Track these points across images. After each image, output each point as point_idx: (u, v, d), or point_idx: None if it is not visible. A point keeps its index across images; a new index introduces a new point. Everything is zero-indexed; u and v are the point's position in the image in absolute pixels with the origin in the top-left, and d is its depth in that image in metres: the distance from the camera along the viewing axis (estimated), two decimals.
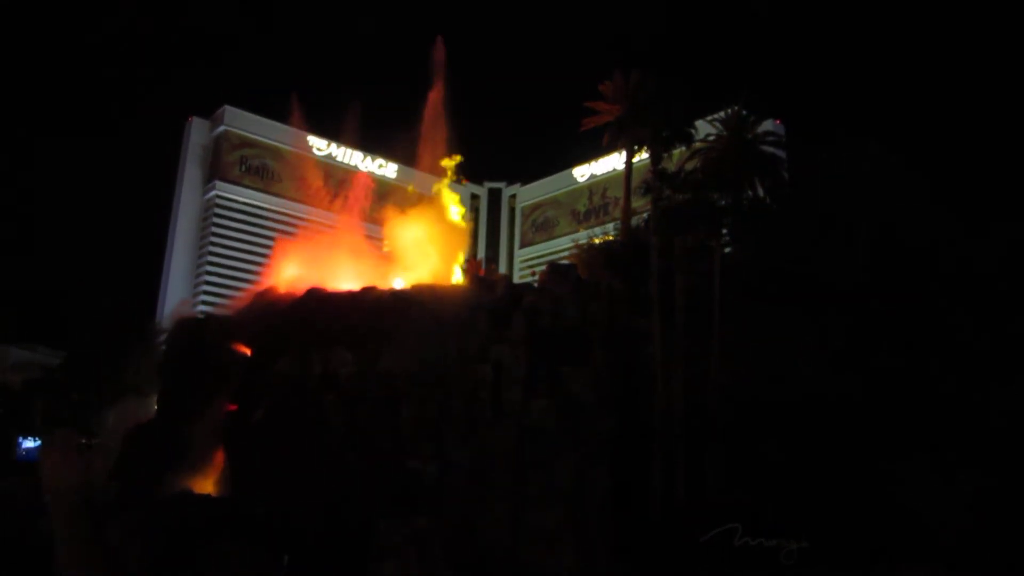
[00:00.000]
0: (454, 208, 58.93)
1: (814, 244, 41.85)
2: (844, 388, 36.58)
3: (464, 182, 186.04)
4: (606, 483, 37.30)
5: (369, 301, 44.01)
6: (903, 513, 33.90)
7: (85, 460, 39.10)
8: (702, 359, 39.65)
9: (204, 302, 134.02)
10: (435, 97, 65.52)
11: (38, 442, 58.17)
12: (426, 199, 59.99)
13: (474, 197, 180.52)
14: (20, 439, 62.01)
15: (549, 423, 37.99)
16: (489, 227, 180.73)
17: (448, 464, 38.07)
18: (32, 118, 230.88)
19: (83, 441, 55.12)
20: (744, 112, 47.44)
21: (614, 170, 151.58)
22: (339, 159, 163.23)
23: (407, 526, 34.89)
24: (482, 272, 55.92)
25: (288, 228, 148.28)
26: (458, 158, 60.42)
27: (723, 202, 45.06)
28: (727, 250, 45.38)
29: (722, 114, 48.40)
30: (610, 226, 64.81)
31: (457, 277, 54.63)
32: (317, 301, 45.31)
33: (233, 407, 44.17)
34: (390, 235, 57.33)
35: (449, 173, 59.99)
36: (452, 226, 58.14)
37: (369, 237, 60.75)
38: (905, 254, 40.13)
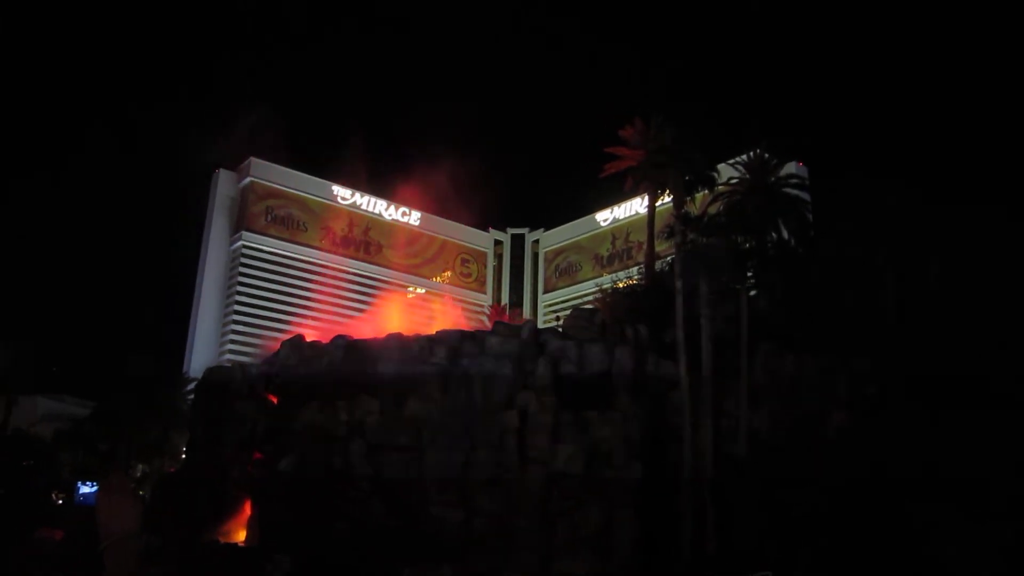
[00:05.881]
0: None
1: (841, 288, 41.53)
2: (874, 435, 36.02)
3: (488, 229, 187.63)
4: (634, 531, 36.85)
5: (394, 348, 44.12)
6: (934, 562, 33.15)
7: (141, 505, 37.95)
8: (730, 404, 39.30)
9: (231, 351, 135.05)
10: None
11: (94, 487, 57.58)
12: (450, 246, 60.47)
13: (497, 243, 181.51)
14: (79, 484, 61.85)
15: (575, 469, 37.74)
16: (513, 272, 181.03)
17: (474, 511, 37.85)
18: (60, 168, 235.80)
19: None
20: (766, 155, 47.39)
21: (636, 214, 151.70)
22: (364, 207, 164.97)
23: (432, 574, 34.64)
24: (506, 318, 55.97)
25: (314, 277, 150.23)
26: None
27: (747, 245, 44.94)
28: (752, 293, 45.12)
29: (744, 157, 48.38)
30: (634, 270, 64.54)
31: (482, 323, 54.68)
32: (343, 349, 45.50)
33: (260, 456, 44.28)
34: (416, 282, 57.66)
35: None
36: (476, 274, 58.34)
37: (396, 284, 61.18)
38: (931, 298, 39.71)
